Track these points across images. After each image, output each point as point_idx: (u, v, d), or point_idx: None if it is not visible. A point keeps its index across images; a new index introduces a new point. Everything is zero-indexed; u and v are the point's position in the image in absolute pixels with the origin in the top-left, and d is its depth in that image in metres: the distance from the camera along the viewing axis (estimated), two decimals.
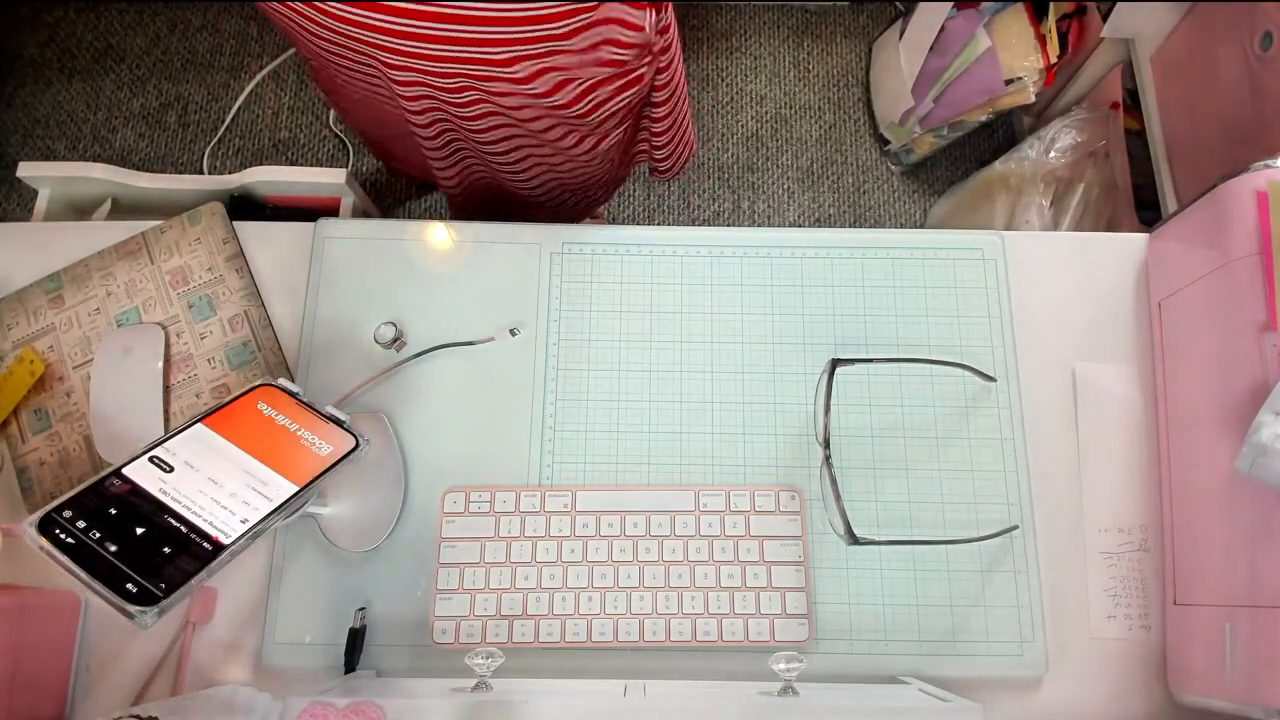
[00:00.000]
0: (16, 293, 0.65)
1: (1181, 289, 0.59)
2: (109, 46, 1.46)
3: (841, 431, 0.61)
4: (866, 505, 0.60)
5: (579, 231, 0.67)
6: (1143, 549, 0.59)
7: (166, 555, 0.40)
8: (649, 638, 0.56)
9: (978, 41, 1.21)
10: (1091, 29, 1.16)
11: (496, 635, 0.56)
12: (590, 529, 0.58)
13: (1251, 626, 0.49)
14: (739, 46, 1.50)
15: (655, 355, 0.63)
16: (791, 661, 0.48)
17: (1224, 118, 0.94)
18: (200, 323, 0.64)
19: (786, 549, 0.58)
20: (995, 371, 0.62)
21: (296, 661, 0.56)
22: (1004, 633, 0.57)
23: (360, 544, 0.58)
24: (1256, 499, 0.50)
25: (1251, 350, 0.51)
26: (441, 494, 0.59)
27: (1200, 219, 0.58)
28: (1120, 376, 0.63)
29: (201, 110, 1.44)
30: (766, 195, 1.43)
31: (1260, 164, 0.54)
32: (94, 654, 0.57)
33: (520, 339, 0.63)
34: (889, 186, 1.44)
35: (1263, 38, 0.87)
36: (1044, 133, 1.16)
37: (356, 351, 0.63)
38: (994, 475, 0.60)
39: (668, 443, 0.61)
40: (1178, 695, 0.55)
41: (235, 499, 0.44)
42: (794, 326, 0.64)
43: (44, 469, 0.62)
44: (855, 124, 1.46)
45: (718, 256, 0.66)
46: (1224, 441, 0.52)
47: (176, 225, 0.67)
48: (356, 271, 0.65)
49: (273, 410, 0.49)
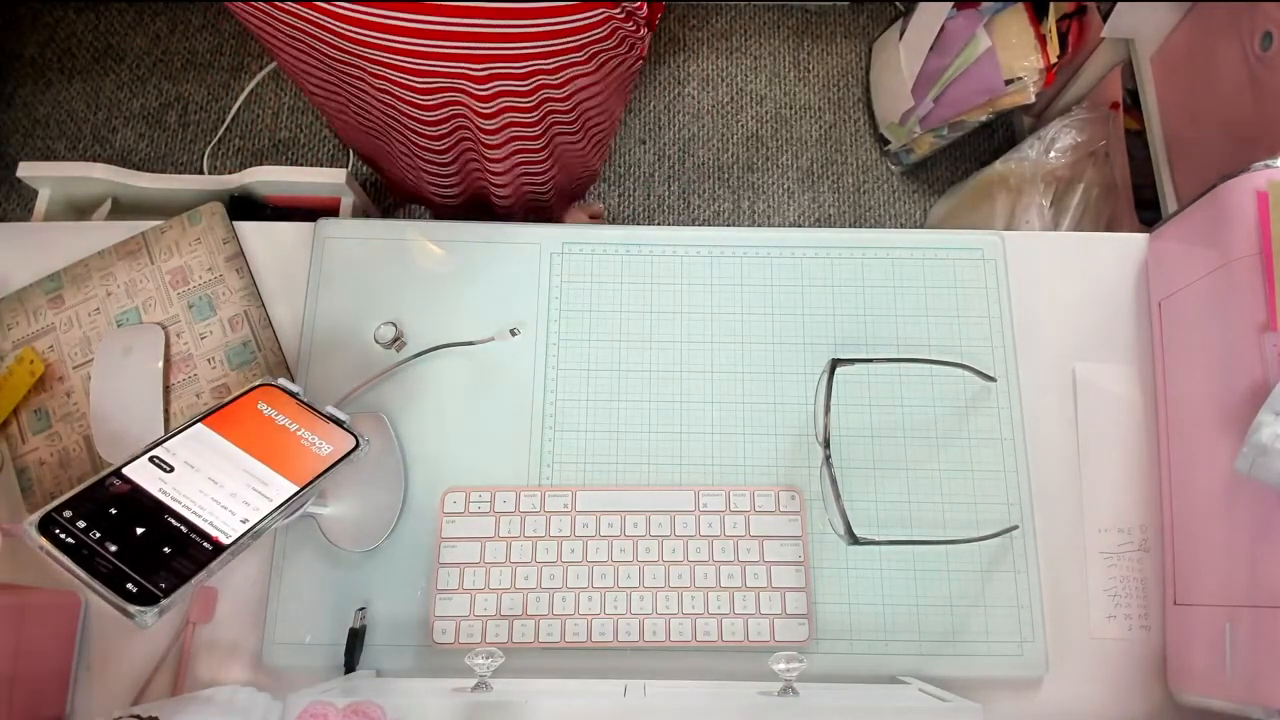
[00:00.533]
0: (16, 293, 0.65)
1: (1181, 289, 0.59)
2: (109, 46, 1.46)
3: (841, 431, 0.61)
4: (866, 505, 0.60)
5: (579, 231, 0.67)
6: (1143, 549, 0.59)
7: (166, 555, 0.40)
8: (649, 638, 0.56)
9: (978, 41, 1.21)
10: (1091, 29, 1.16)
11: (496, 635, 0.56)
12: (590, 529, 0.58)
13: (1251, 626, 0.49)
14: (739, 46, 1.50)
15: (655, 355, 0.63)
16: (791, 661, 0.48)
17: (1224, 118, 0.94)
18: (200, 323, 0.64)
19: (786, 549, 0.58)
20: (995, 371, 0.62)
21: (296, 661, 0.56)
22: (1004, 633, 0.57)
23: (360, 544, 0.58)
24: (1256, 499, 0.50)
25: (1251, 350, 0.51)
26: (441, 494, 0.59)
27: (1200, 219, 0.58)
28: (1120, 376, 0.63)
29: (201, 110, 1.44)
30: (766, 195, 1.43)
31: (1260, 164, 0.54)
32: (94, 654, 0.57)
33: (520, 339, 0.63)
34: (889, 186, 1.44)
35: (1263, 38, 0.87)
36: (1044, 133, 1.16)
37: (356, 351, 0.63)
38: (994, 475, 0.60)
39: (668, 443, 0.61)
40: (1178, 695, 0.55)
41: (235, 499, 0.44)
42: (794, 326, 0.64)
43: (44, 469, 0.62)
44: (855, 124, 1.46)
45: (718, 256, 0.66)
46: (1224, 441, 0.52)
47: (176, 225, 0.67)
48: (356, 271, 0.65)
49: (273, 410, 0.49)
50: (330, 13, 0.55)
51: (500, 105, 0.63)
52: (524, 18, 0.55)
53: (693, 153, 1.44)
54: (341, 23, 0.55)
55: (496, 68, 0.59)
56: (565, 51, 0.59)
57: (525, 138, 0.69)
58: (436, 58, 0.57)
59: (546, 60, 0.59)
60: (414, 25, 0.54)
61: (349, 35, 0.56)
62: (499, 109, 0.63)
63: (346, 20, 0.55)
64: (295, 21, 0.57)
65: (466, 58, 0.57)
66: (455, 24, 0.55)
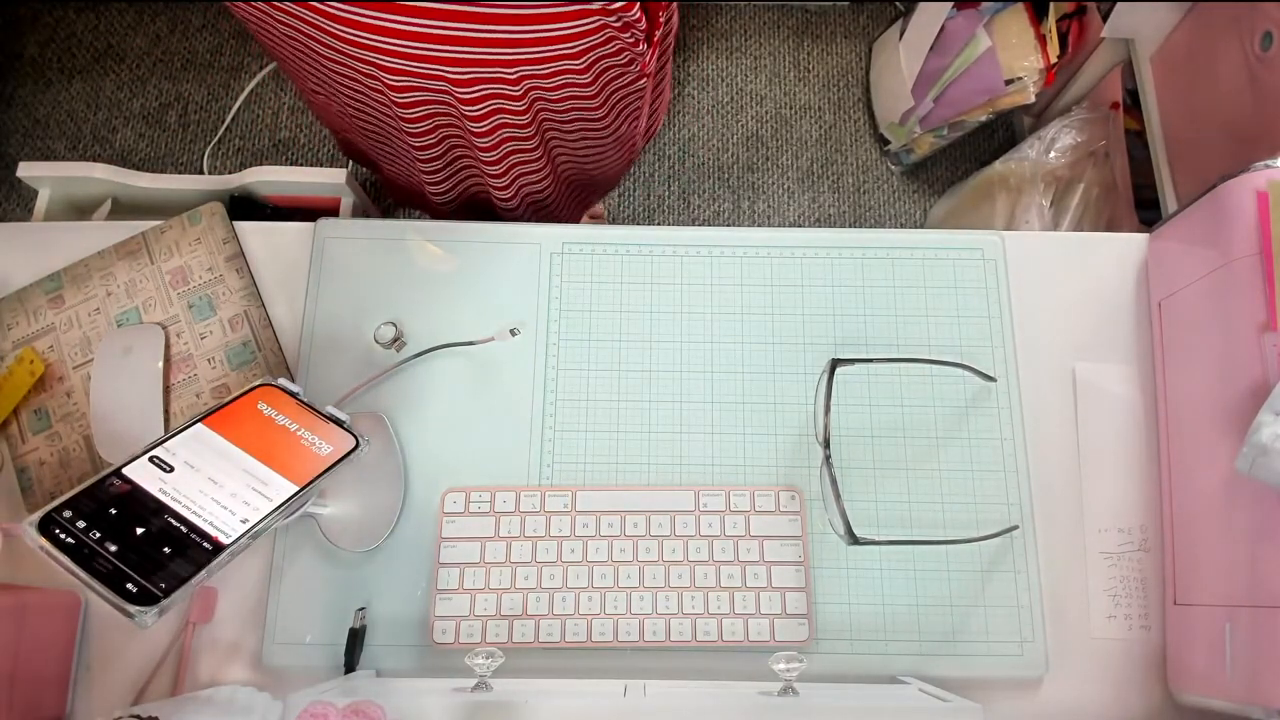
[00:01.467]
0: (16, 293, 0.65)
1: (1181, 289, 0.59)
2: (109, 46, 1.46)
3: (841, 431, 0.61)
4: (866, 505, 0.60)
5: (579, 231, 0.67)
6: (1143, 549, 0.59)
7: (166, 555, 0.40)
8: (649, 638, 0.56)
9: (978, 41, 1.21)
10: (1091, 29, 1.16)
11: (496, 635, 0.56)
12: (590, 529, 0.58)
13: (1251, 626, 0.49)
14: (739, 46, 1.50)
15: (655, 355, 0.63)
16: (791, 661, 0.48)
17: (1224, 118, 0.94)
18: (200, 323, 0.64)
19: (786, 549, 0.58)
20: (995, 371, 0.62)
21: (296, 661, 0.56)
22: (1004, 633, 0.57)
23: (360, 544, 0.58)
24: (1256, 499, 0.50)
25: (1251, 350, 0.51)
26: (441, 494, 0.59)
27: (1200, 219, 0.58)
28: (1120, 376, 0.63)
29: (201, 110, 1.44)
30: (766, 195, 1.43)
31: (1260, 164, 0.54)
32: (94, 654, 0.57)
33: (520, 339, 0.63)
34: (889, 186, 1.44)
35: (1263, 38, 0.87)
36: (1044, 133, 1.16)
37: (356, 351, 0.63)
38: (994, 475, 0.60)
39: (668, 443, 0.61)
40: (1178, 695, 0.55)
41: (235, 499, 0.44)
42: (794, 326, 0.64)
43: (44, 469, 0.62)
44: (855, 124, 1.46)
45: (718, 256, 0.66)
46: (1224, 441, 0.52)
47: (176, 225, 0.67)
48: (356, 271, 0.65)
49: (273, 410, 0.49)
50: (323, 13, 0.55)
51: (491, 108, 0.63)
52: (516, 23, 0.55)
53: (693, 153, 1.44)
54: (334, 23, 0.55)
55: (484, 71, 0.59)
56: (559, 58, 0.59)
57: (519, 138, 0.69)
58: (425, 60, 0.57)
59: (540, 66, 0.59)
60: (404, 27, 0.55)
61: (341, 35, 0.56)
62: (489, 111, 0.63)
63: (339, 20, 0.55)
64: (291, 21, 0.57)
65: (457, 61, 0.57)
66: (449, 27, 0.55)
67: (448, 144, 0.70)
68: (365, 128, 0.72)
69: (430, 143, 0.68)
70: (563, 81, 0.62)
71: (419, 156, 0.71)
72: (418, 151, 0.70)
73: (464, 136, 0.68)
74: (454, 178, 0.77)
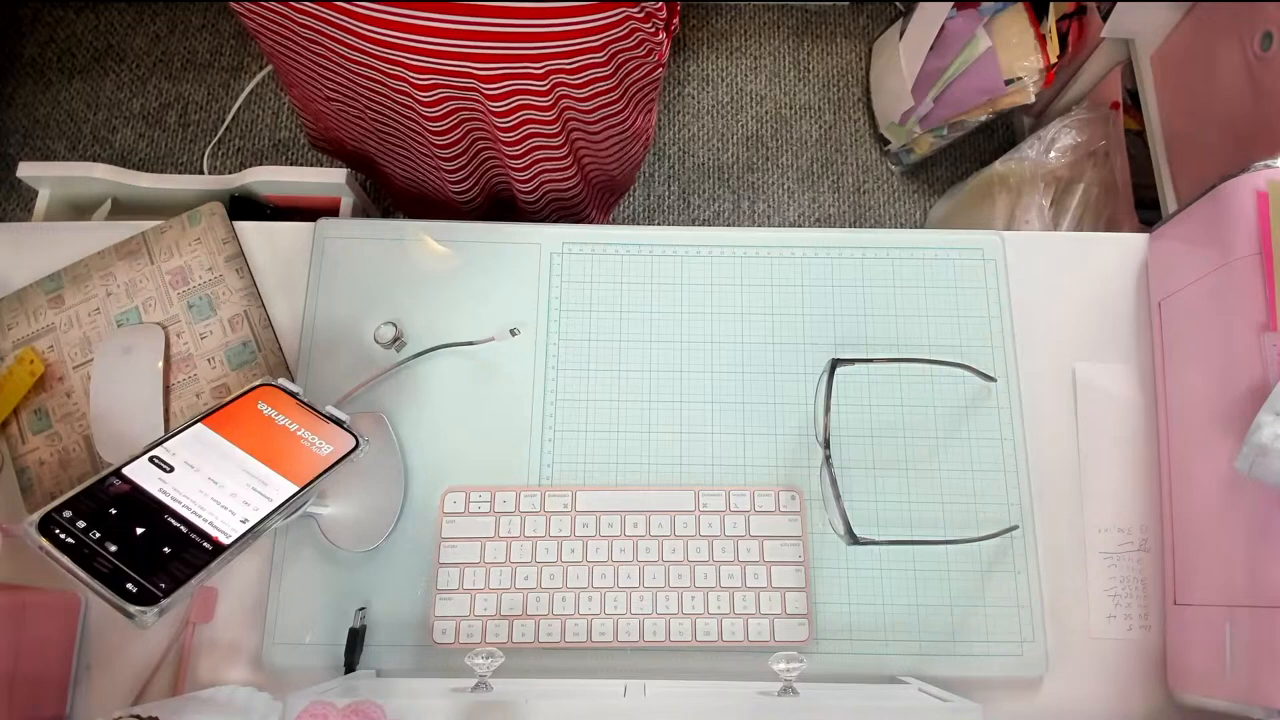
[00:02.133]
0: (16, 293, 0.65)
1: (1181, 289, 0.59)
2: (109, 46, 1.46)
3: (841, 431, 0.61)
4: (866, 505, 0.60)
5: (579, 231, 0.67)
6: (1143, 549, 0.59)
7: (166, 555, 0.40)
8: (649, 638, 0.56)
9: (978, 41, 1.21)
10: (1091, 29, 1.16)
11: (496, 635, 0.56)
12: (590, 529, 0.58)
13: (1251, 626, 0.49)
14: (739, 46, 1.50)
15: (655, 355, 0.63)
16: (791, 661, 0.48)
17: (1224, 118, 0.94)
18: (200, 323, 0.64)
19: (786, 549, 0.58)
20: (995, 371, 0.62)
21: (296, 661, 0.56)
22: (1004, 633, 0.57)
23: (360, 544, 0.58)
24: (1256, 499, 0.50)
25: (1251, 350, 0.51)
26: (441, 494, 0.59)
27: (1200, 219, 0.58)
28: (1120, 376, 0.63)
29: (201, 110, 1.44)
30: (766, 195, 1.43)
31: (1260, 164, 0.54)
32: (94, 654, 0.57)
33: (520, 339, 0.63)
34: (889, 186, 1.44)
35: (1263, 38, 0.87)
36: (1044, 133, 1.16)
37: (356, 351, 0.63)
38: (994, 475, 0.60)
39: (668, 443, 0.61)
40: (1178, 695, 0.55)
41: (235, 499, 0.44)
42: (794, 326, 0.64)
43: (44, 469, 0.62)
44: (855, 124, 1.46)
45: (718, 256, 0.66)
46: (1224, 441, 0.52)
47: (176, 225, 0.67)
48: (356, 271, 0.65)
49: (273, 410, 0.49)
50: (351, 13, 0.54)
51: (516, 104, 0.63)
52: (544, 17, 0.55)
53: (693, 153, 1.44)
54: (362, 23, 0.55)
55: (512, 67, 0.59)
56: (585, 51, 0.59)
57: (544, 134, 0.69)
58: (452, 57, 0.57)
59: (566, 60, 0.59)
60: (435, 25, 0.54)
61: (368, 35, 0.56)
62: (515, 107, 0.63)
63: (367, 20, 0.55)
64: (314, 24, 0.57)
65: (483, 57, 0.57)
66: (477, 23, 0.54)
67: (471, 138, 0.70)
68: (383, 131, 0.72)
69: (454, 139, 0.68)
70: (589, 76, 0.62)
71: (441, 156, 0.71)
72: (439, 150, 0.69)
73: (489, 133, 0.68)
74: (476, 175, 0.77)
